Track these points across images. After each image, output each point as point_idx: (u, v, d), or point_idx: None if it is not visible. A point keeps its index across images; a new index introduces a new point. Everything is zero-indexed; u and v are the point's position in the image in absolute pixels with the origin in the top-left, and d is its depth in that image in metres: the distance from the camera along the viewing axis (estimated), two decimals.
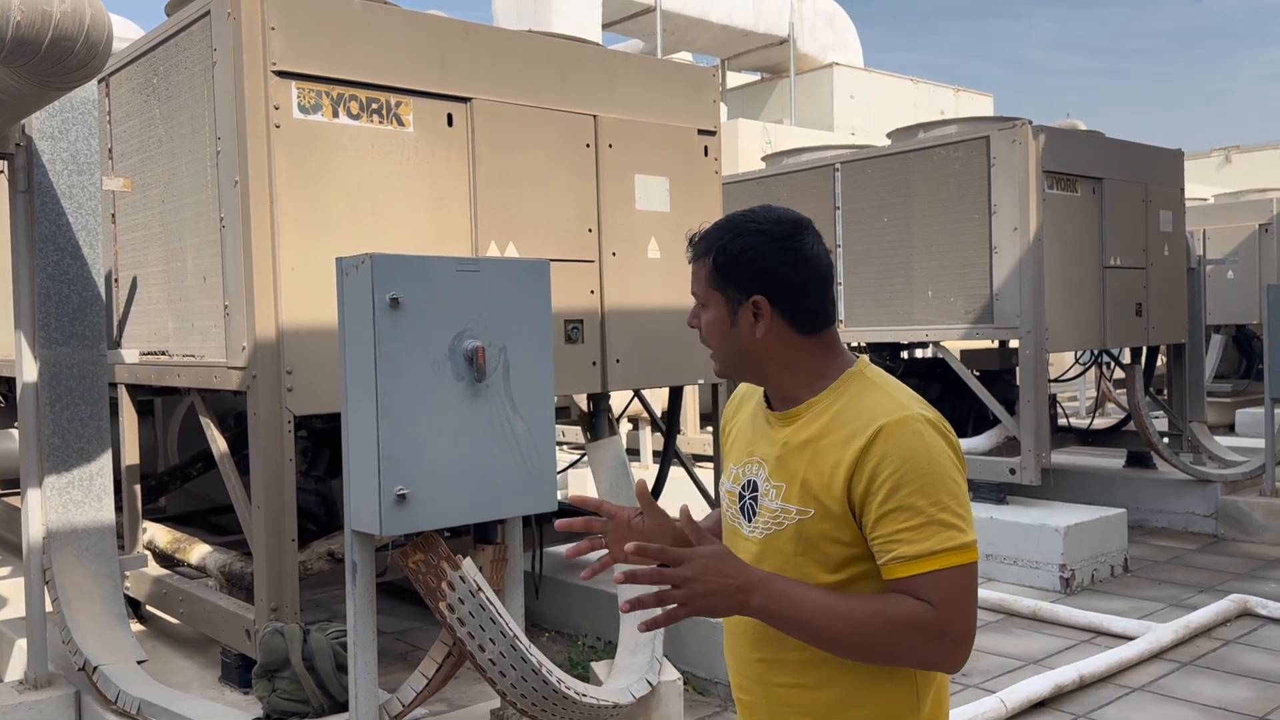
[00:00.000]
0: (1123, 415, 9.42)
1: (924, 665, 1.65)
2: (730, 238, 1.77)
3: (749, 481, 1.82)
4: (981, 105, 20.84)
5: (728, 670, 1.90)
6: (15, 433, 5.79)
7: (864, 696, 1.70)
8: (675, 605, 1.57)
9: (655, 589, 1.58)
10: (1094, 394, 13.85)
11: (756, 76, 21.03)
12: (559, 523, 1.85)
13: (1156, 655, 5.25)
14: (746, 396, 1.97)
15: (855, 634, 1.60)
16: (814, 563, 1.70)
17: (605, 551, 1.91)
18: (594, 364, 4.89)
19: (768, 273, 1.74)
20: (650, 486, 5.76)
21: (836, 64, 19.22)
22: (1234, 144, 26.03)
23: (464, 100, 4.45)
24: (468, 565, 3.25)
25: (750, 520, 1.80)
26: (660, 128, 5.15)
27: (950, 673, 1.68)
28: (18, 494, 5.88)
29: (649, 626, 1.58)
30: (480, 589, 3.24)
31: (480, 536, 3.62)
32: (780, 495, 1.74)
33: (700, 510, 5.74)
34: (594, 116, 4.88)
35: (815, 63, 19.44)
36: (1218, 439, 9.19)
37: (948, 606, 1.60)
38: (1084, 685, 4.83)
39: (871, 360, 8.88)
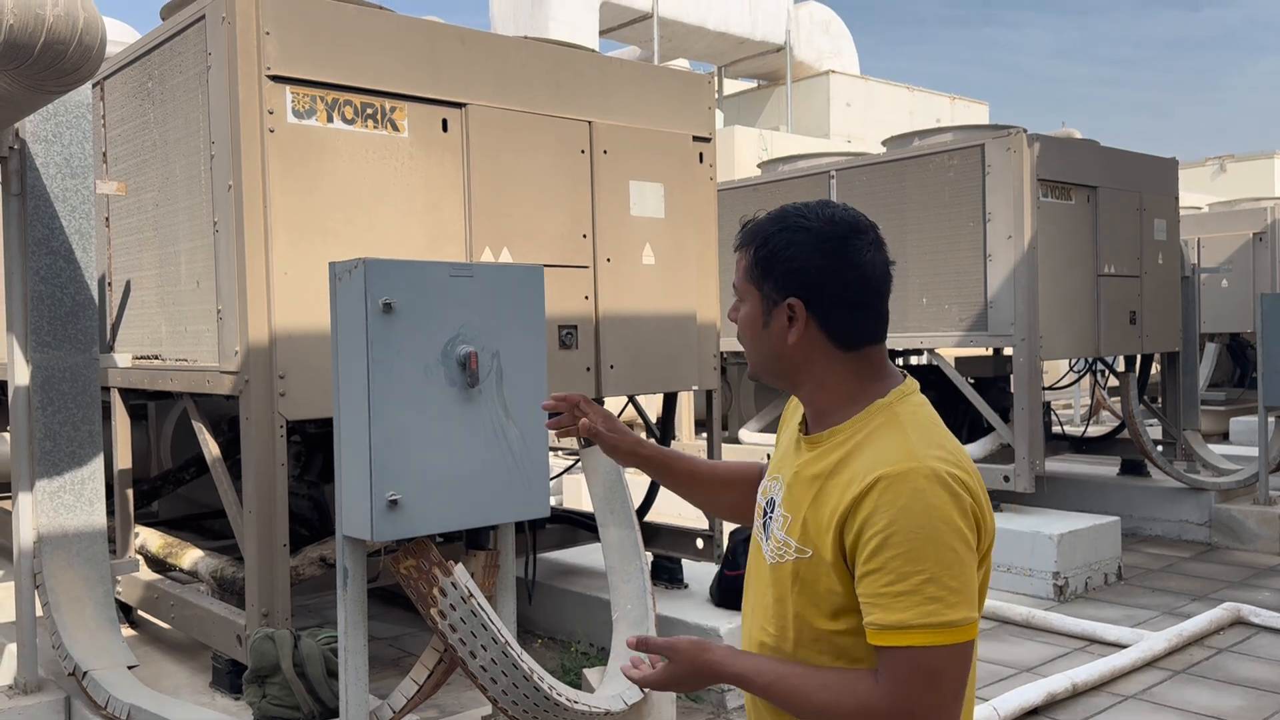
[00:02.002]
0: (1117, 423, 9.43)
1: None
2: (776, 230, 1.63)
3: (770, 500, 1.72)
4: (977, 113, 20.90)
5: None
6: (6, 436, 5.78)
7: None
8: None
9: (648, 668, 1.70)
10: (1088, 402, 13.87)
11: (753, 84, 21.08)
12: (547, 403, 2.03)
13: (1149, 663, 5.25)
14: (798, 402, 1.83)
15: (812, 718, 1.55)
16: (811, 605, 1.59)
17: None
18: (588, 370, 4.89)
19: (808, 274, 1.59)
20: (644, 495, 5.77)
21: (833, 71, 19.27)
22: (1228, 153, 26.11)
23: (459, 106, 4.45)
24: (459, 571, 3.25)
25: (766, 541, 1.70)
26: (655, 134, 5.15)
27: None
28: (9, 498, 5.86)
29: (637, 682, 1.69)
30: (472, 595, 3.23)
31: (472, 542, 3.62)
32: (785, 526, 1.64)
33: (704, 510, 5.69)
34: (589, 123, 4.88)
35: (811, 70, 19.49)
36: (1212, 447, 9.20)
37: (901, 691, 1.46)
38: (1077, 693, 4.83)
39: None
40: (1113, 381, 9.84)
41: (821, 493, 1.59)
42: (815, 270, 1.59)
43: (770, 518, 1.69)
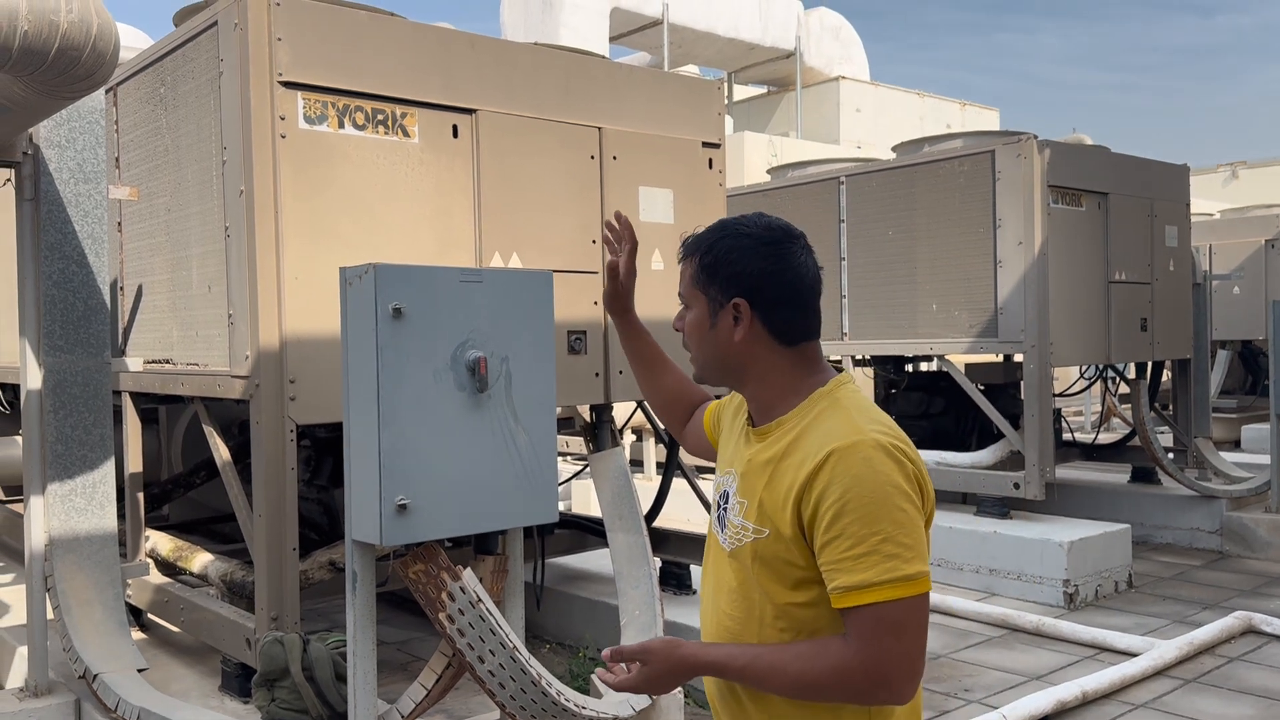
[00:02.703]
0: (1127, 430, 9.39)
1: (863, 703, 1.65)
2: (719, 238, 1.79)
3: (724, 492, 1.84)
4: (988, 119, 20.87)
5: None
6: (18, 439, 5.81)
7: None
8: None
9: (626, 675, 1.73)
10: (1099, 409, 13.82)
11: (763, 89, 21.08)
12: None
13: (1160, 672, 5.23)
14: (742, 406, 1.95)
15: (792, 690, 1.64)
16: (773, 580, 1.69)
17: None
18: (596, 375, 4.89)
19: (751, 276, 1.75)
20: (653, 499, 5.77)
21: (843, 77, 19.26)
22: (1241, 159, 26.02)
23: (469, 112, 4.46)
24: (468, 576, 3.25)
25: (723, 530, 1.82)
26: (665, 140, 5.16)
27: (898, 705, 1.65)
28: (20, 500, 5.89)
29: (612, 686, 1.73)
30: (480, 600, 3.23)
31: (481, 547, 3.62)
32: (742, 512, 1.75)
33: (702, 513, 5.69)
34: (599, 129, 4.89)
35: (821, 76, 19.49)
36: (1223, 455, 9.16)
37: (871, 645, 1.57)
38: (1086, 701, 4.81)
39: (877, 373, 8.92)
40: (1123, 389, 9.79)
41: (775, 474, 1.70)
42: (757, 272, 1.75)
43: (725, 509, 1.81)
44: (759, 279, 1.75)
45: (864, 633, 1.57)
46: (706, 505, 5.72)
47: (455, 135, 4.43)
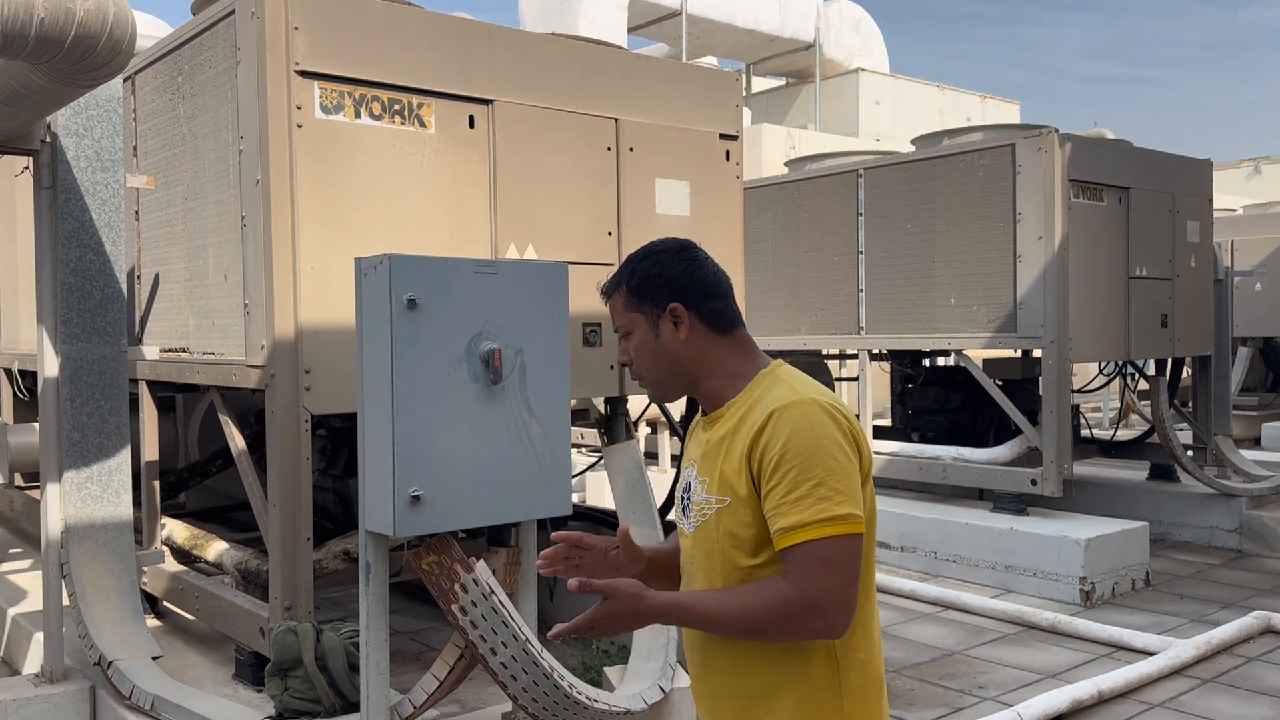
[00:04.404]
0: (1146, 427, 9.32)
1: (804, 636, 1.78)
2: (635, 264, 1.96)
3: (687, 484, 1.98)
4: (1008, 112, 20.72)
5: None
6: (35, 427, 5.84)
7: (786, 682, 1.82)
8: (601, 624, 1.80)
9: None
10: (1117, 405, 13.72)
11: (781, 81, 20.99)
12: (542, 557, 2.00)
13: (1177, 671, 5.18)
14: (698, 424, 2.09)
15: (737, 625, 1.77)
16: (734, 548, 1.84)
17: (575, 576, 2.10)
18: (611, 368, 4.88)
19: (676, 280, 1.93)
20: (667, 492, 5.75)
21: (862, 70, 19.15)
22: (1264, 154, 25.76)
23: (486, 102, 4.45)
24: (480, 568, 3.25)
25: (687, 517, 1.96)
26: (682, 132, 5.13)
27: (831, 638, 1.79)
28: (37, 488, 5.92)
29: (564, 630, 1.81)
30: (493, 592, 3.23)
31: (494, 539, 3.61)
32: (705, 489, 1.90)
33: None
34: (615, 120, 4.87)
35: (841, 68, 19.38)
36: (1243, 453, 9.07)
37: (805, 579, 1.72)
38: (1102, 700, 4.78)
39: (894, 367, 8.87)
40: (1142, 385, 9.72)
41: (730, 446, 1.86)
42: (680, 276, 1.94)
43: (688, 499, 1.96)
44: (683, 281, 1.93)
45: (799, 567, 1.73)
46: None
47: (471, 126, 4.41)
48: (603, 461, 5.17)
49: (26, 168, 4.30)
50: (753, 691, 1.85)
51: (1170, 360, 8.24)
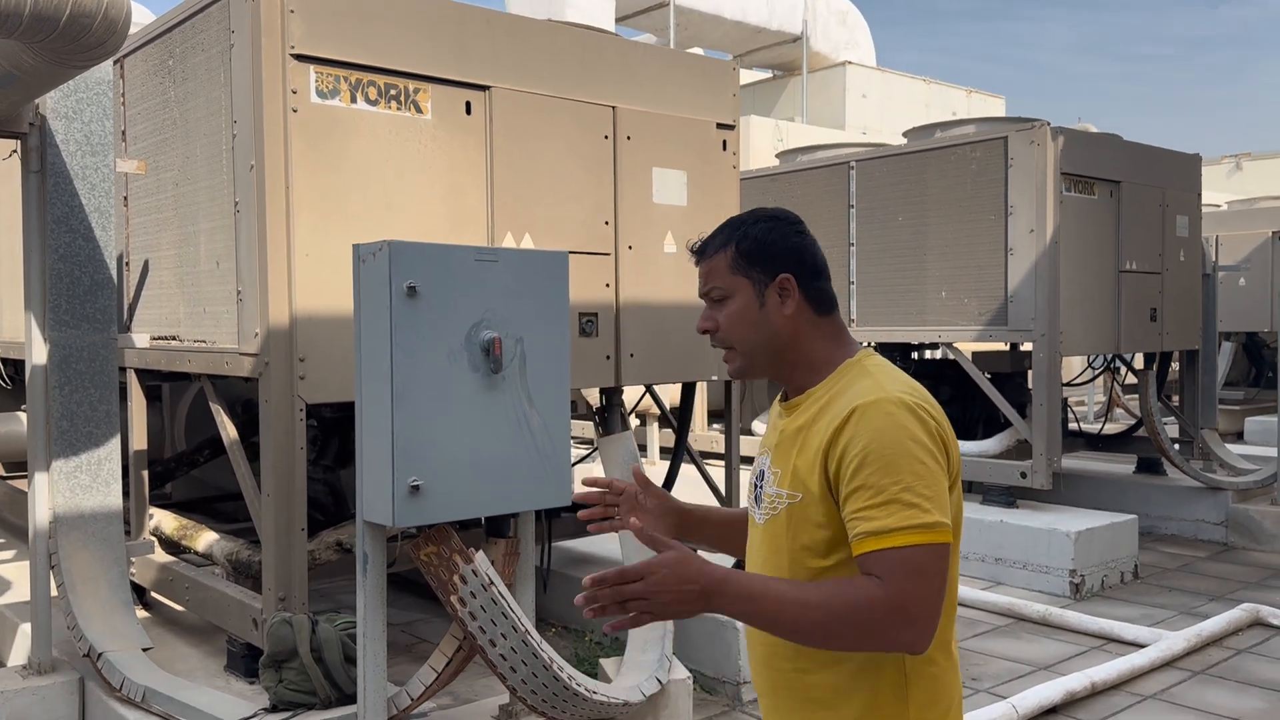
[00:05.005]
0: (1133, 421, 9.35)
1: (884, 646, 1.64)
2: (747, 226, 1.84)
3: (760, 472, 1.89)
4: (994, 107, 20.78)
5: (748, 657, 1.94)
6: (23, 415, 5.76)
7: (853, 685, 1.72)
8: (641, 613, 1.62)
9: (621, 605, 1.63)
10: (1101, 399, 13.79)
11: (768, 74, 20.97)
12: (578, 494, 1.96)
13: (1168, 663, 5.20)
14: (777, 410, 2.01)
15: (811, 622, 1.61)
16: (805, 547, 1.74)
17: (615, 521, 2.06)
18: (608, 358, 4.84)
19: (793, 251, 1.82)
20: (660, 483, 5.72)
21: (849, 63, 19.16)
22: (1245, 151, 25.93)
23: (483, 88, 4.40)
24: (480, 559, 3.21)
25: (759, 507, 1.86)
26: (679, 121, 5.09)
27: (912, 653, 1.65)
28: (25, 477, 5.85)
29: (615, 627, 1.63)
30: (493, 583, 3.20)
31: (493, 530, 3.58)
32: (777, 481, 1.81)
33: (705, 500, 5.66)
34: (613, 108, 4.83)
35: (827, 61, 19.38)
36: (1228, 446, 9.13)
37: (899, 583, 1.59)
38: (1096, 692, 4.79)
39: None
40: (1129, 379, 9.76)
41: (805, 439, 1.76)
42: (796, 248, 1.83)
43: (761, 486, 1.87)
44: (799, 254, 1.82)
45: (889, 572, 1.59)
46: (715, 490, 5.69)
47: (469, 112, 4.37)
48: (596, 453, 5.14)
49: (14, 151, 4.22)
50: (816, 696, 1.75)
51: (1159, 354, 8.27)
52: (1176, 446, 8.40)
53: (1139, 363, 8.41)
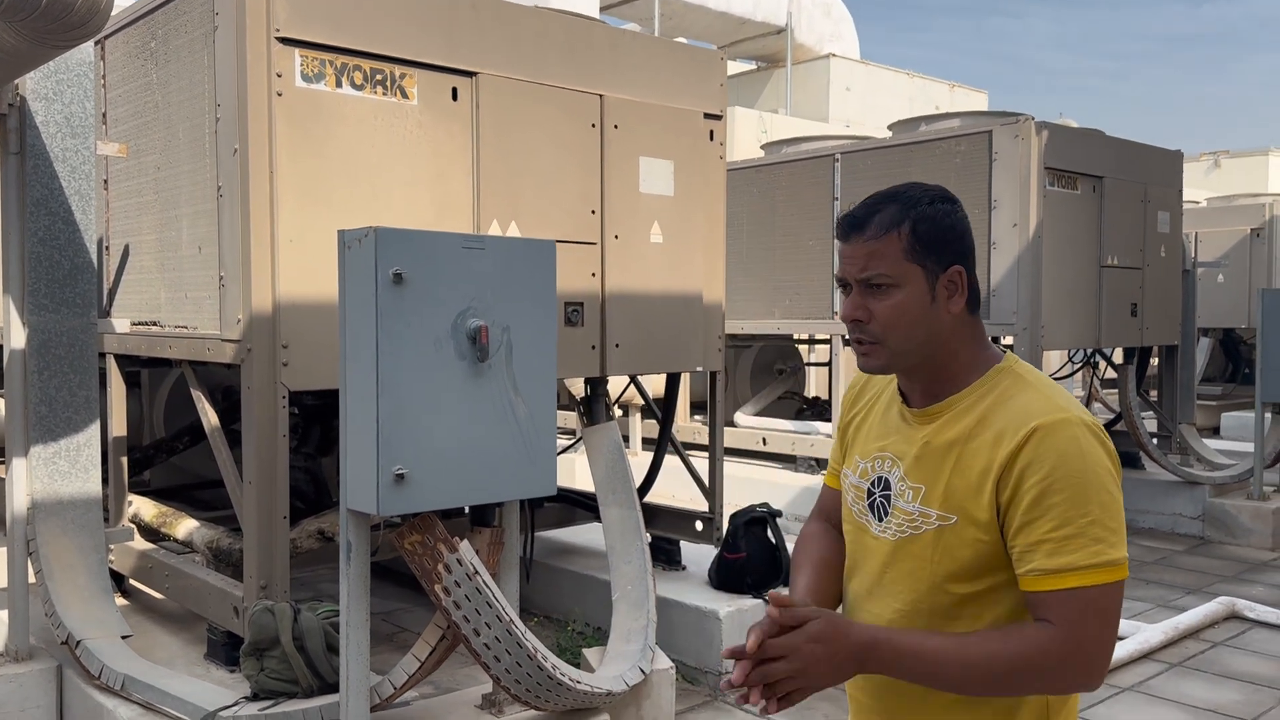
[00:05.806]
0: (1111, 415, 9.42)
1: (1056, 692, 1.56)
2: (926, 205, 1.61)
3: (880, 478, 1.71)
4: (977, 101, 20.84)
5: None
6: (1, 401, 5.69)
7: (986, 709, 1.61)
8: (794, 692, 1.50)
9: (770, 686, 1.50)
10: (1080, 393, 13.87)
11: (752, 65, 20.94)
12: (727, 650, 1.54)
13: (1146, 656, 5.25)
14: (867, 386, 1.86)
15: (975, 678, 1.52)
16: (950, 571, 1.60)
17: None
18: (593, 348, 4.83)
19: (966, 239, 1.63)
20: (644, 475, 5.72)
21: (833, 55, 19.16)
22: (1223, 149, 26.13)
23: (469, 74, 4.36)
24: (464, 548, 3.20)
25: (881, 520, 1.69)
26: (666, 110, 5.08)
27: (1087, 692, 1.57)
28: (2, 463, 5.77)
29: (772, 709, 1.50)
30: (478, 572, 3.18)
31: (477, 519, 3.56)
32: (918, 498, 1.63)
33: (699, 493, 5.62)
34: (600, 96, 4.80)
35: (812, 53, 19.37)
36: (1205, 441, 9.20)
37: (1075, 628, 1.49)
38: None
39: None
40: (1108, 373, 9.83)
41: (963, 457, 1.59)
42: (969, 238, 1.64)
43: (883, 496, 1.69)
44: (969, 243, 1.64)
45: (1068, 616, 1.49)
46: (699, 481, 5.68)
47: (455, 98, 4.33)
48: (579, 444, 5.13)
49: None
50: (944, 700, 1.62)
51: (1139, 349, 8.32)
52: (1155, 441, 8.46)
53: (1118, 357, 8.46)
